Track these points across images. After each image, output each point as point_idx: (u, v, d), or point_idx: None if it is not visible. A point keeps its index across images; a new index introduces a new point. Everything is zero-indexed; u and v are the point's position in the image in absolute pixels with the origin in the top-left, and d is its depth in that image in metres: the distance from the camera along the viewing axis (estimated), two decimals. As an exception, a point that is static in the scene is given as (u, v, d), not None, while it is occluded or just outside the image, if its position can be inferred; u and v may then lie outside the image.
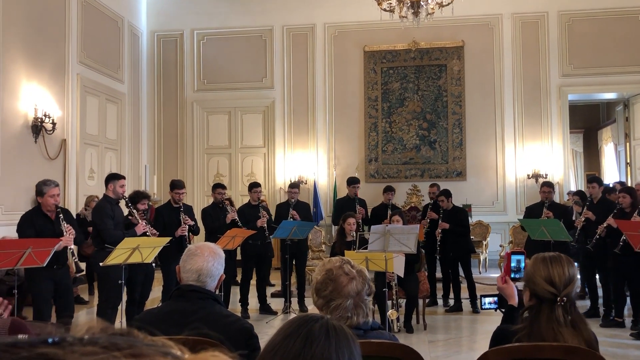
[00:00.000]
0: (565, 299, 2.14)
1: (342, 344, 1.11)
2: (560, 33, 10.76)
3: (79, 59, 9.30)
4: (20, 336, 0.50)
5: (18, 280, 5.54)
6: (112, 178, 5.80)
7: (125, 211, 6.01)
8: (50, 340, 0.48)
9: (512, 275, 2.59)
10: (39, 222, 5.05)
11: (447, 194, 7.48)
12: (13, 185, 7.75)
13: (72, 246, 5.02)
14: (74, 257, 5.00)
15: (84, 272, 5.01)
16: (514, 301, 2.50)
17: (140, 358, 0.48)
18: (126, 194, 5.89)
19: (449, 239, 7.26)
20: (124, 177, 5.90)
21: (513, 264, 2.60)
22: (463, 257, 7.38)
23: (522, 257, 2.65)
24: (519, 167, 10.77)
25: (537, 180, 10.46)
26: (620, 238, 5.96)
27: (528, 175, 10.70)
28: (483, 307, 2.70)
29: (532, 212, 7.29)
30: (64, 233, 4.96)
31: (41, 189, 5.11)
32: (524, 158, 10.75)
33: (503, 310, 2.60)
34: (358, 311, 2.07)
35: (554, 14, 10.78)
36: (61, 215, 5.06)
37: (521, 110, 10.83)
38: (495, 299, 2.63)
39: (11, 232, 6.70)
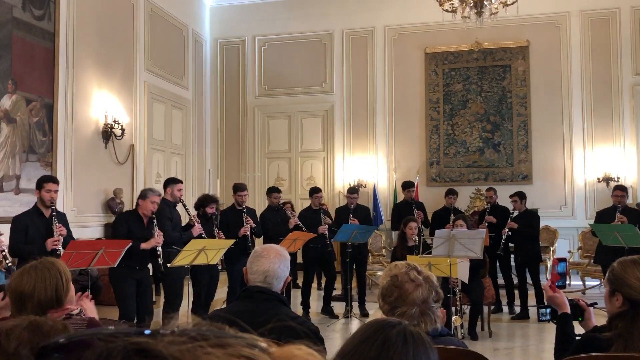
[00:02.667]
0: None
1: (419, 351, 1.08)
2: (633, 29, 10.27)
3: (146, 67, 9.63)
4: (117, 327, 0.52)
5: (90, 279, 5.78)
6: (170, 182, 6.00)
7: (183, 214, 6.20)
8: (146, 332, 0.51)
9: (558, 283, 2.48)
10: (132, 223, 5.26)
11: (521, 195, 7.25)
12: (84, 189, 8.10)
13: (159, 249, 5.18)
14: (159, 259, 5.16)
15: (163, 271, 5.19)
16: (566, 309, 2.40)
17: (226, 348, 0.50)
18: (186, 198, 6.06)
19: (518, 243, 7.04)
20: (181, 182, 6.10)
21: (560, 271, 2.50)
22: (531, 263, 7.14)
23: (565, 264, 2.56)
24: (588, 170, 10.33)
25: (607, 184, 10.00)
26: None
27: (598, 179, 10.25)
28: (540, 319, 2.58)
29: (603, 217, 6.97)
30: (155, 235, 5.15)
31: (146, 193, 5.34)
32: (593, 161, 10.31)
33: (555, 321, 2.49)
34: (425, 319, 2.01)
35: (627, 9, 10.31)
36: (155, 220, 5.25)
37: (590, 111, 10.40)
38: (549, 309, 2.51)
39: (83, 234, 7.00)
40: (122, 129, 8.66)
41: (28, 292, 2.13)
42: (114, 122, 8.55)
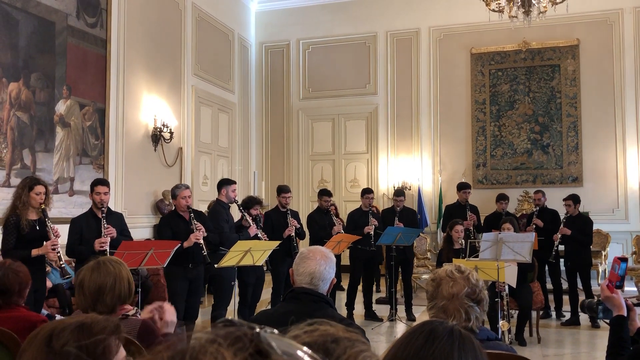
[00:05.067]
0: None
1: (466, 347, 1.09)
2: (690, 26, 9.86)
3: (193, 71, 9.84)
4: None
5: (140, 279, 5.94)
6: (225, 183, 6.06)
7: (235, 215, 6.27)
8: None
9: (617, 284, 2.39)
10: (175, 223, 5.40)
11: (576, 199, 7.05)
12: (135, 191, 8.33)
13: (202, 241, 5.27)
14: (202, 251, 5.26)
15: (210, 262, 5.28)
16: (623, 311, 2.31)
17: None
18: (238, 199, 6.14)
19: (569, 249, 6.85)
20: (235, 182, 6.16)
21: (621, 272, 2.40)
22: (582, 268, 6.94)
23: (626, 265, 2.46)
24: (643, 172, 9.97)
25: (664, 187, 9.63)
26: None
27: (654, 181, 9.88)
28: (588, 309, 2.49)
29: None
30: (194, 231, 5.26)
31: (174, 191, 5.49)
32: (648, 162, 9.93)
33: (607, 321, 2.40)
34: (455, 314, 2.01)
35: (683, 5, 9.91)
36: (192, 214, 5.35)
37: (645, 110, 10.03)
38: (601, 307, 2.42)
39: (133, 235, 7.19)
40: (171, 132, 8.87)
41: (110, 285, 2.22)
42: (163, 125, 8.76)
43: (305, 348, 0.55)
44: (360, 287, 7.32)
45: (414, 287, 7.74)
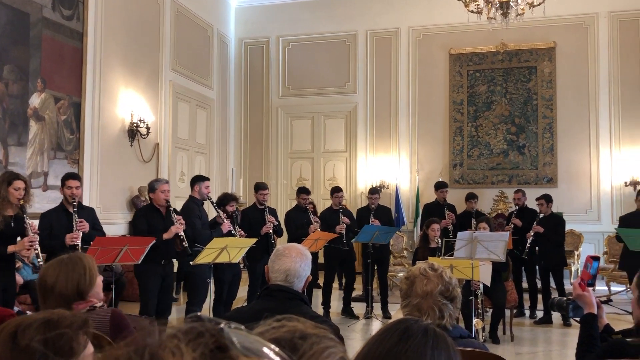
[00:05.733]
0: None
1: (440, 346, 1.09)
2: (663, 31, 10.07)
3: (171, 66, 9.75)
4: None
5: (115, 275, 5.87)
6: (198, 180, 6.04)
7: (209, 211, 6.24)
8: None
9: (589, 282, 2.43)
10: (152, 216, 5.35)
11: (548, 198, 7.16)
12: (110, 187, 8.23)
13: (182, 233, 5.24)
14: (184, 243, 5.22)
15: (191, 254, 5.25)
16: (594, 309, 2.35)
17: None
18: (212, 195, 6.11)
19: (543, 248, 6.96)
20: (208, 179, 6.14)
21: (592, 271, 2.45)
22: (556, 267, 7.05)
23: (598, 264, 2.51)
24: (615, 173, 10.16)
25: (635, 188, 9.81)
26: None
27: (625, 183, 10.06)
28: (557, 308, 2.53)
29: (628, 222, 6.83)
30: (174, 223, 5.22)
31: (153, 185, 5.44)
32: (620, 164, 10.12)
33: (577, 319, 2.45)
34: (429, 312, 2.04)
35: (657, 10, 10.11)
36: (172, 207, 5.33)
37: (618, 113, 10.22)
38: (572, 305, 2.46)
39: (108, 231, 7.11)
40: (148, 128, 8.77)
41: (50, 284, 2.19)
42: (140, 120, 8.67)
43: (270, 344, 0.55)
44: (335, 285, 7.34)
45: (390, 285, 7.79)
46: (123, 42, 8.55)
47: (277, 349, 0.54)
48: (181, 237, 5.23)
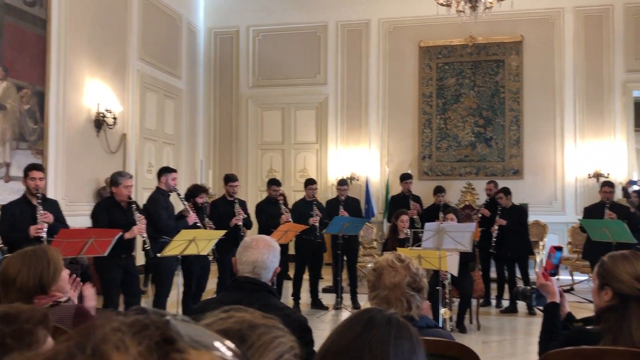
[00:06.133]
0: None
1: (403, 335, 1.10)
2: (626, 26, 10.30)
3: (139, 56, 9.58)
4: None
5: (81, 268, 5.77)
6: (165, 171, 5.99)
7: (176, 203, 6.19)
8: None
9: (552, 272, 2.49)
10: (112, 211, 5.25)
11: (506, 191, 7.31)
12: (76, 178, 8.07)
13: (145, 235, 5.18)
14: (146, 245, 5.16)
15: (153, 258, 5.16)
16: (556, 298, 2.41)
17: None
18: (180, 187, 6.05)
19: (507, 239, 7.09)
20: (175, 171, 6.09)
21: (555, 261, 2.50)
22: (521, 257, 7.20)
23: (561, 254, 2.57)
24: (579, 166, 10.39)
25: (598, 180, 10.05)
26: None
27: (589, 175, 10.30)
28: (521, 297, 2.59)
29: (591, 212, 7.03)
30: (137, 222, 5.13)
31: (117, 179, 5.32)
32: (584, 157, 10.36)
33: (540, 308, 2.50)
34: (397, 303, 2.05)
35: (620, 6, 10.33)
36: (134, 205, 5.23)
37: (583, 107, 10.45)
38: (535, 294, 2.51)
39: (74, 223, 6.98)
40: (114, 118, 8.62)
41: (11, 277, 2.14)
42: (106, 110, 8.51)
43: (217, 335, 0.54)
44: (306, 277, 7.36)
45: (359, 276, 7.85)
46: (89, 30, 8.36)
47: (225, 340, 0.54)
48: (144, 239, 5.16)
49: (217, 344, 0.52)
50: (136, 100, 9.45)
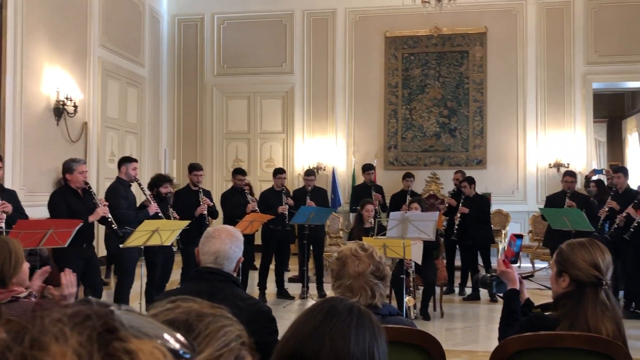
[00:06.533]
0: (607, 282, 2.12)
1: (364, 324, 1.11)
2: (586, 20, 10.54)
3: (100, 42, 9.35)
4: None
5: (40, 260, 5.63)
6: (125, 161, 5.90)
7: (137, 194, 6.11)
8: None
9: (512, 259, 2.54)
10: (70, 199, 5.15)
11: (470, 180, 7.43)
12: (35, 167, 7.86)
13: (109, 215, 5.11)
14: (113, 225, 5.09)
15: (122, 236, 5.09)
16: (516, 285, 2.46)
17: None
18: (143, 177, 5.96)
19: (470, 227, 7.21)
20: (136, 160, 6.00)
21: (516, 249, 2.55)
22: (483, 246, 7.34)
23: (521, 242, 2.62)
24: (540, 156, 10.62)
25: (558, 170, 10.31)
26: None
27: (549, 165, 10.55)
28: (482, 284, 2.63)
29: (553, 201, 7.20)
30: (99, 205, 5.04)
31: (70, 165, 5.22)
32: (545, 147, 10.60)
33: (500, 295, 2.56)
34: (361, 292, 2.07)
35: (580, 0, 10.55)
36: (92, 190, 5.14)
37: (544, 98, 10.66)
38: (495, 282, 2.56)
39: (33, 214, 6.80)
40: (75, 106, 8.41)
41: None
42: (66, 98, 8.29)
43: (164, 325, 0.54)
44: (273, 267, 7.36)
45: (325, 265, 7.88)
46: (47, 15, 8.11)
47: (171, 330, 0.53)
48: (109, 220, 5.09)
49: (162, 333, 0.52)
50: (97, 88, 9.24)
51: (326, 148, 11.10)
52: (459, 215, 7.23)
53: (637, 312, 6.23)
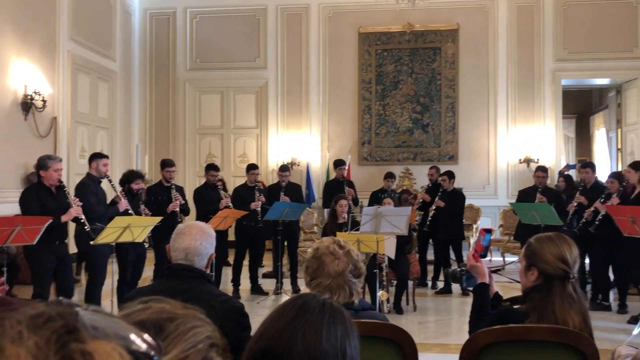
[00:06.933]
0: (574, 276, 2.17)
1: (336, 320, 1.11)
2: (555, 17, 10.72)
3: (69, 35, 9.17)
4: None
5: (8, 258, 5.52)
6: (96, 157, 5.82)
7: (108, 190, 6.04)
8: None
9: (482, 253, 2.57)
10: (43, 196, 5.08)
11: (450, 174, 7.51)
12: (2, 163, 7.68)
13: (83, 216, 5.05)
14: (85, 227, 5.03)
15: (94, 238, 5.03)
16: (486, 279, 2.49)
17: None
18: (114, 173, 5.89)
19: (442, 221, 7.29)
20: (107, 157, 5.93)
21: (485, 243, 2.58)
22: (455, 240, 7.43)
23: (490, 236, 2.65)
24: (510, 151, 10.79)
25: (528, 165, 10.49)
26: (611, 223, 5.97)
27: (520, 160, 10.72)
28: (453, 279, 2.66)
29: (525, 196, 7.32)
30: (72, 205, 4.97)
31: (45, 162, 5.14)
32: (516, 143, 10.76)
33: (470, 289, 2.59)
34: (339, 291, 2.07)
35: (550, -2, 10.73)
36: (66, 188, 5.07)
37: (514, 94, 10.82)
38: (465, 276, 2.59)
39: (1, 210, 6.66)
40: (44, 101, 8.23)
41: None
42: (35, 93, 8.11)
43: (132, 326, 0.54)
44: (246, 263, 7.33)
45: (300, 261, 7.88)
46: (14, 6, 7.91)
47: (139, 331, 0.53)
48: (82, 220, 5.02)
49: (129, 334, 0.52)
50: (67, 82, 9.06)
51: (300, 143, 11.09)
52: (434, 207, 7.30)
53: (603, 304, 6.39)
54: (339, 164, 8.55)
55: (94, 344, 0.49)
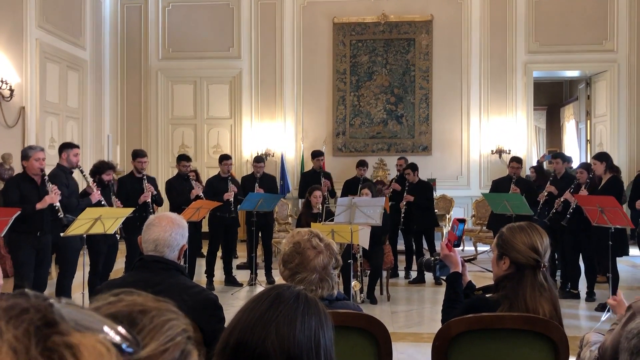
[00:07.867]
0: (545, 265, 2.20)
1: (310, 311, 1.11)
2: (527, 10, 10.83)
3: (37, 23, 8.94)
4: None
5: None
6: (66, 147, 5.72)
7: (80, 181, 5.95)
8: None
9: (455, 243, 2.60)
10: (25, 186, 5.05)
11: (413, 167, 7.56)
12: (-32, 154, 7.49)
13: (57, 204, 5.02)
14: (59, 214, 5.02)
15: (66, 225, 4.99)
16: (459, 268, 2.51)
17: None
18: (85, 163, 5.80)
19: (414, 213, 7.35)
20: (77, 147, 5.84)
21: (458, 232, 2.61)
22: (427, 230, 7.50)
23: (463, 226, 2.68)
24: (483, 142, 10.91)
25: (500, 156, 10.62)
26: (580, 213, 6.09)
27: (492, 151, 10.85)
28: (427, 267, 2.68)
29: (498, 186, 7.41)
30: (49, 192, 4.94)
31: (27, 152, 5.11)
32: (488, 134, 10.89)
33: (443, 278, 2.61)
34: (323, 285, 2.07)
35: (523, -10, 10.83)
36: (46, 177, 5.06)
37: (487, 86, 10.93)
38: (438, 265, 2.60)
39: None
40: (11, 90, 8.04)
41: None
42: (2, 82, 7.92)
43: (106, 319, 0.53)
44: (220, 254, 7.30)
45: (274, 252, 7.87)
46: (-21, -7, 7.69)
47: (113, 324, 0.52)
48: (56, 208, 4.96)
49: (104, 327, 0.51)
50: (35, 71, 8.85)
51: (275, 134, 11.04)
52: (404, 203, 7.34)
53: (572, 292, 6.53)
54: (316, 154, 8.55)
55: (79, 336, 0.48)
